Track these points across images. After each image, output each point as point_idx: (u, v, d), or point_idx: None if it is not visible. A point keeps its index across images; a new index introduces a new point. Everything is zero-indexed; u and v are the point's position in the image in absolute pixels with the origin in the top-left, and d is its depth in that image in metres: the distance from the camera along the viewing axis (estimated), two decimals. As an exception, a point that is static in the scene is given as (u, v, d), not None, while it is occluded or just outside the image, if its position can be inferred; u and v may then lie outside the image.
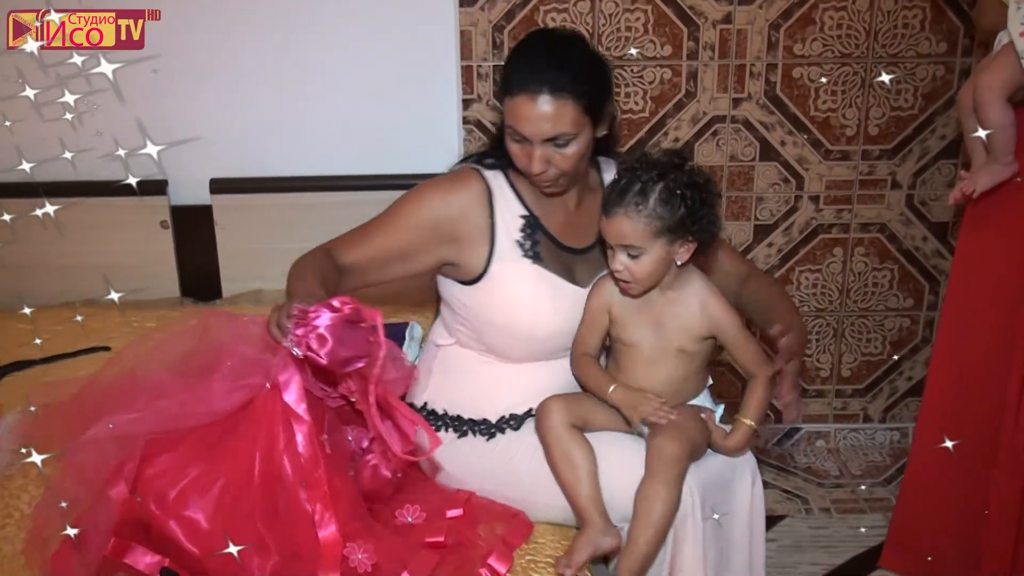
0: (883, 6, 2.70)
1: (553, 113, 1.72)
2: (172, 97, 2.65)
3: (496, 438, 1.86)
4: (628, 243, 1.72)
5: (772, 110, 2.78)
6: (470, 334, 1.91)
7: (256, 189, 2.75)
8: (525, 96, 1.72)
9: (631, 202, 1.70)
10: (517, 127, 1.75)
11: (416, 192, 1.89)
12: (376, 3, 2.64)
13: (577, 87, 1.73)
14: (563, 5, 2.66)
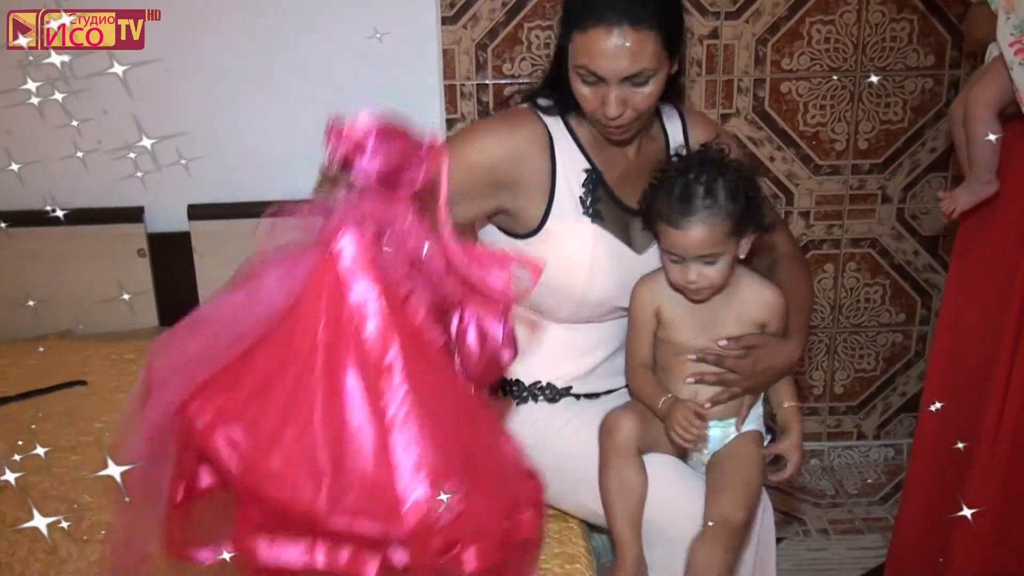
0: (871, 19, 2.67)
1: (634, 47, 1.54)
2: (147, 121, 2.58)
3: (528, 404, 1.79)
4: (707, 251, 1.62)
5: (760, 125, 2.74)
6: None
7: (235, 214, 2.68)
8: (602, 28, 1.53)
9: (701, 207, 1.59)
10: (591, 66, 1.56)
11: (467, 132, 1.74)
12: (356, 22, 2.58)
13: (659, 16, 1.56)
14: (547, 22, 2.62)
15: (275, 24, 2.57)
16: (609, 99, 1.59)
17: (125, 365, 2.48)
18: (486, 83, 2.66)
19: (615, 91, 1.59)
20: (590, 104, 1.62)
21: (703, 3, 2.62)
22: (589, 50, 1.56)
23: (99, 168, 2.56)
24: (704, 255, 1.62)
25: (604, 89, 1.59)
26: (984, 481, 2.13)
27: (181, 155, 2.53)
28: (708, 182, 1.61)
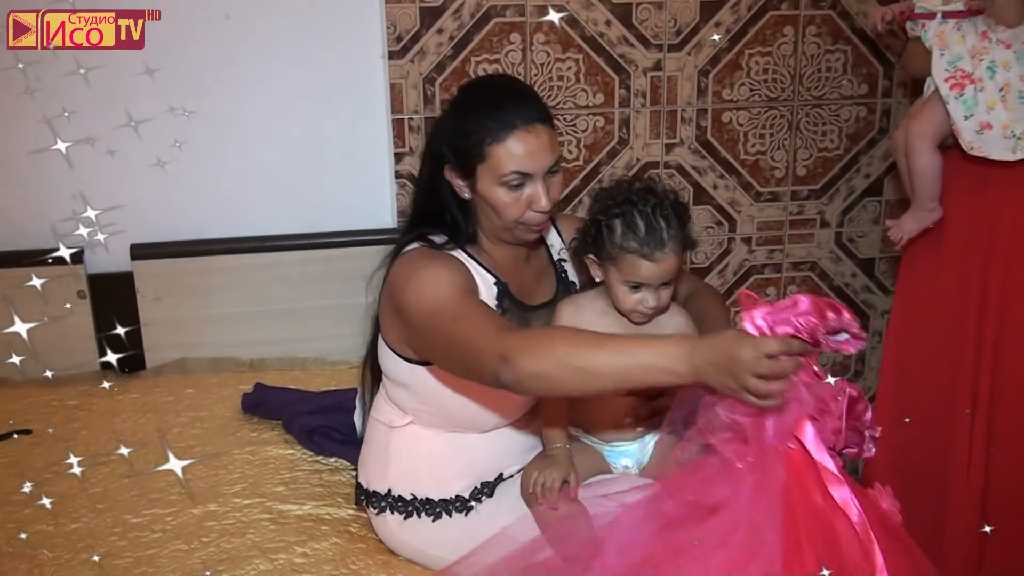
0: (807, 51, 2.75)
1: (548, 139, 1.68)
2: (87, 162, 2.51)
3: (475, 509, 1.79)
4: (671, 276, 1.69)
5: (704, 154, 2.80)
6: (436, 413, 1.80)
7: (180, 254, 2.62)
8: (521, 132, 1.65)
9: (669, 238, 1.65)
10: (522, 167, 1.65)
11: (414, 281, 1.67)
12: (302, 57, 2.56)
13: (549, 111, 1.72)
14: (494, 56, 2.63)
15: (218, 62, 2.53)
16: (540, 193, 1.68)
17: (69, 412, 2.40)
18: (433, 116, 2.65)
19: (541, 184, 1.68)
20: (513, 211, 1.68)
21: (647, 36, 2.67)
22: (514, 155, 1.66)
23: (37, 209, 2.52)
24: (667, 280, 1.69)
25: (529, 190, 1.68)
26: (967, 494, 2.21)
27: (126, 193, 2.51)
28: (664, 213, 1.67)
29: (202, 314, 2.66)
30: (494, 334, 1.50)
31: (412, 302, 1.65)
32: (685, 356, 1.36)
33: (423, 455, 1.82)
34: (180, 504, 2.00)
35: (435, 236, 1.78)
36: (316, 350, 2.71)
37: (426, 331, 1.64)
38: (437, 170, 1.76)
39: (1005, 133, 1.98)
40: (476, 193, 1.71)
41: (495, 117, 1.66)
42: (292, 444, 2.24)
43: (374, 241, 2.69)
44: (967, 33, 1.99)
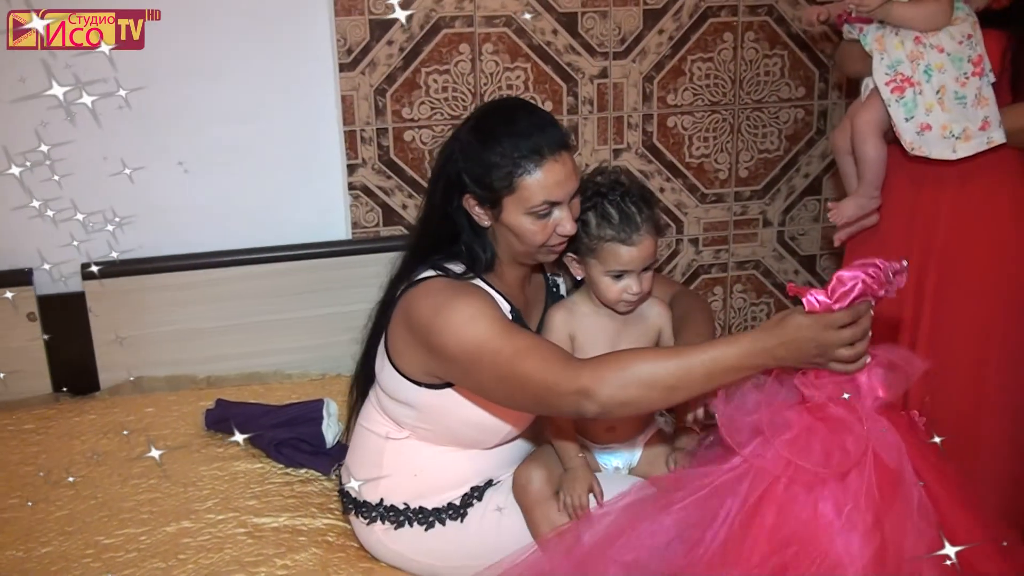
0: (746, 56, 2.84)
1: (573, 166, 1.70)
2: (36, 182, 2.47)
3: (468, 516, 1.81)
4: (652, 258, 1.74)
5: (650, 159, 2.87)
6: (438, 432, 1.81)
7: (132, 272, 2.59)
8: (549, 162, 1.65)
9: (641, 220, 1.71)
10: (552, 197, 1.65)
11: (450, 313, 1.64)
12: (252, 70, 2.56)
13: (570, 136, 1.77)
14: (444, 67, 2.66)
15: (169, 76, 2.51)
16: (566, 218, 1.69)
17: (26, 436, 2.35)
18: (386, 128, 2.67)
19: (567, 209, 1.69)
20: (540, 237, 1.69)
21: (592, 44, 2.73)
22: (546, 186, 1.65)
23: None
24: (648, 263, 1.74)
25: (556, 215, 1.68)
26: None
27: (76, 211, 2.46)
28: (634, 199, 1.73)
29: (156, 332, 2.63)
30: (564, 368, 1.53)
31: (450, 339, 1.62)
32: (764, 351, 1.44)
33: (419, 467, 1.83)
34: (152, 523, 1.98)
35: (452, 265, 1.75)
36: (274, 364, 2.70)
37: (473, 368, 1.61)
38: (453, 197, 1.73)
39: (944, 134, 2.07)
40: (499, 222, 1.70)
41: (521, 148, 1.64)
42: (260, 458, 2.23)
43: (329, 254, 2.70)
44: (905, 38, 2.08)
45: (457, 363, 1.63)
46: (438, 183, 1.76)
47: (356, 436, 1.93)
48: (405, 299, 1.73)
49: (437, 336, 1.63)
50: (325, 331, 2.72)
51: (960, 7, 2.07)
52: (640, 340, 1.82)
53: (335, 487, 2.12)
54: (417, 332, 1.68)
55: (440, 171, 1.76)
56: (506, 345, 1.58)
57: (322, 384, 2.62)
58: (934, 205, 2.21)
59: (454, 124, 2.69)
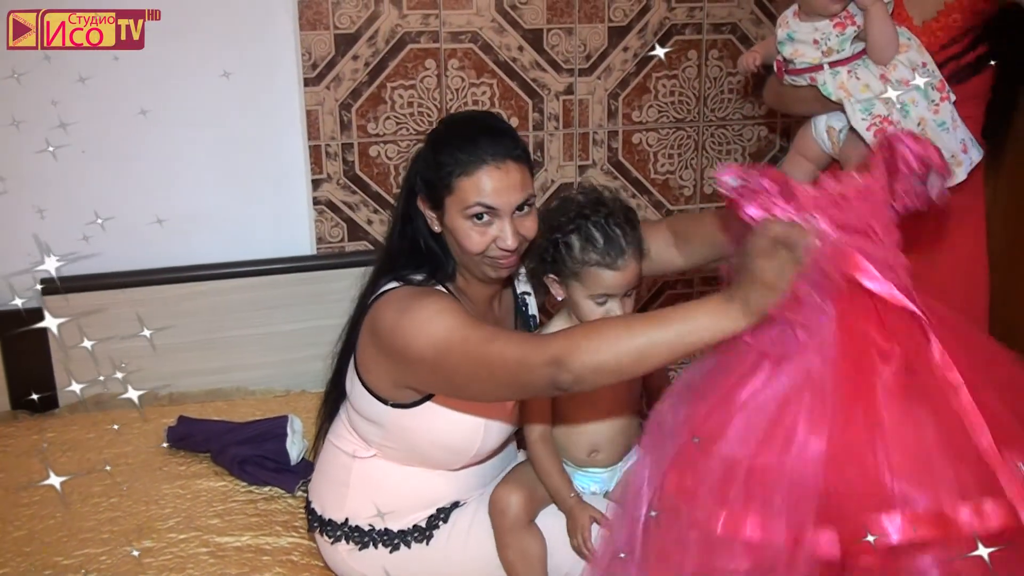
0: (710, 73, 2.87)
1: (520, 177, 1.66)
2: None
3: (434, 538, 1.80)
4: (636, 282, 1.71)
5: (616, 175, 2.89)
6: (405, 452, 1.79)
7: (93, 287, 2.56)
8: (489, 167, 1.63)
9: (624, 244, 1.67)
10: (487, 200, 1.63)
11: (427, 316, 1.61)
12: (217, 85, 2.53)
13: (525, 150, 1.71)
14: (410, 81, 2.66)
15: (134, 89, 2.48)
16: (506, 231, 1.65)
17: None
18: (351, 143, 2.67)
19: (509, 222, 1.66)
20: (478, 246, 1.66)
21: (558, 61, 2.74)
22: (481, 188, 1.63)
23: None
24: (631, 288, 1.71)
25: (496, 225, 1.66)
26: None
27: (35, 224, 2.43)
28: (618, 221, 1.70)
29: (116, 348, 2.59)
30: (533, 341, 1.50)
31: (417, 337, 1.59)
32: (734, 306, 1.36)
33: (385, 488, 1.81)
34: (113, 542, 1.95)
35: (414, 275, 1.74)
36: (237, 380, 2.68)
37: (443, 362, 1.58)
38: (411, 202, 1.75)
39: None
40: (444, 225, 1.70)
41: (466, 151, 1.64)
42: (223, 476, 2.21)
43: (293, 269, 2.69)
44: (867, 80, 2.03)
45: (425, 362, 1.60)
46: (402, 190, 1.79)
47: (324, 452, 1.91)
48: (370, 312, 1.72)
49: (402, 338, 1.62)
50: (289, 347, 2.70)
51: (901, 32, 2.08)
52: None
53: (299, 504, 2.10)
54: (382, 340, 1.67)
55: (405, 179, 1.79)
56: (473, 333, 1.56)
57: (286, 401, 2.60)
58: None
59: (420, 139, 2.70)
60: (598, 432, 1.79)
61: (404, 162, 2.71)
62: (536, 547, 1.73)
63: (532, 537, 1.73)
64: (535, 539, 1.73)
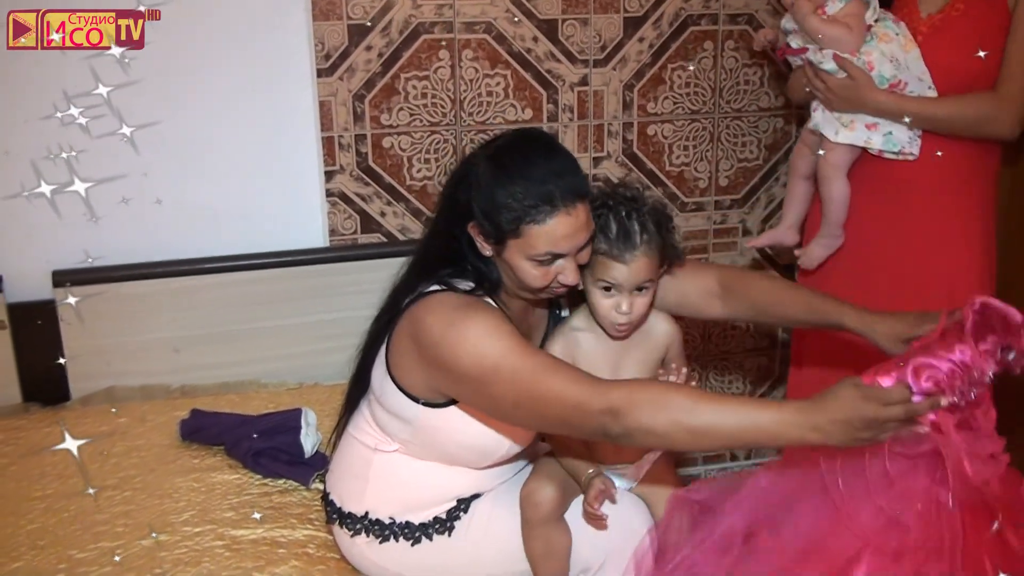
0: (726, 64, 2.84)
1: (586, 218, 1.62)
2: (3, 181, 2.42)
3: (455, 529, 1.78)
4: (645, 280, 1.68)
5: (631, 167, 2.86)
6: (431, 449, 1.77)
7: (104, 279, 2.53)
8: (561, 215, 1.57)
9: (638, 240, 1.66)
10: (555, 248, 1.59)
11: (479, 334, 1.57)
12: (230, 75, 2.51)
13: (588, 185, 1.65)
14: (423, 73, 2.64)
15: (143, 81, 2.46)
16: (570, 270, 1.62)
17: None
18: (364, 134, 2.64)
19: (572, 261, 1.63)
20: (540, 282, 1.63)
21: (573, 52, 2.72)
22: (552, 238, 1.58)
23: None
24: (640, 285, 1.69)
25: (559, 264, 1.62)
26: None
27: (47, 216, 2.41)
28: (639, 218, 1.68)
29: (128, 341, 2.58)
30: (592, 386, 1.47)
31: (464, 356, 1.56)
32: (808, 424, 1.36)
33: (406, 482, 1.79)
34: (127, 536, 1.94)
35: (460, 282, 1.69)
36: (250, 373, 2.66)
37: (488, 386, 1.54)
38: (458, 222, 1.67)
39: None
40: (501, 258, 1.65)
41: (535, 196, 1.57)
42: (237, 468, 2.19)
43: (306, 261, 2.67)
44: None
45: (469, 381, 1.56)
46: (445, 204, 1.70)
47: (344, 446, 1.88)
48: (412, 313, 1.66)
49: (450, 351, 1.57)
50: (302, 340, 2.68)
51: (887, 26, 2.07)
52: (645, 359, 1.79)
53: (314, 497, 2.08)
54: (425, 347, 1.62)
55: (452, 192, 1.69)
56: (526, 363, 1.52)
57: (299, 393, 2.58)
58: (884, 214, 2.22)
59: (433, 130, 2.68)
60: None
61: (418, 153, 2.69)
62: (563, 541, 1.72)
63: (560, 531, 1.72)
64: (563, 533, 1.72)
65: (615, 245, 1.66)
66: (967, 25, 2.06)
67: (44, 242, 2.49)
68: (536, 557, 1.72)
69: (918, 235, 2.19)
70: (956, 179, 2.14)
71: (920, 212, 2.17)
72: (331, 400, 2.53)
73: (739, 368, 3.15)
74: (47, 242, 2.49)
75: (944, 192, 2.15)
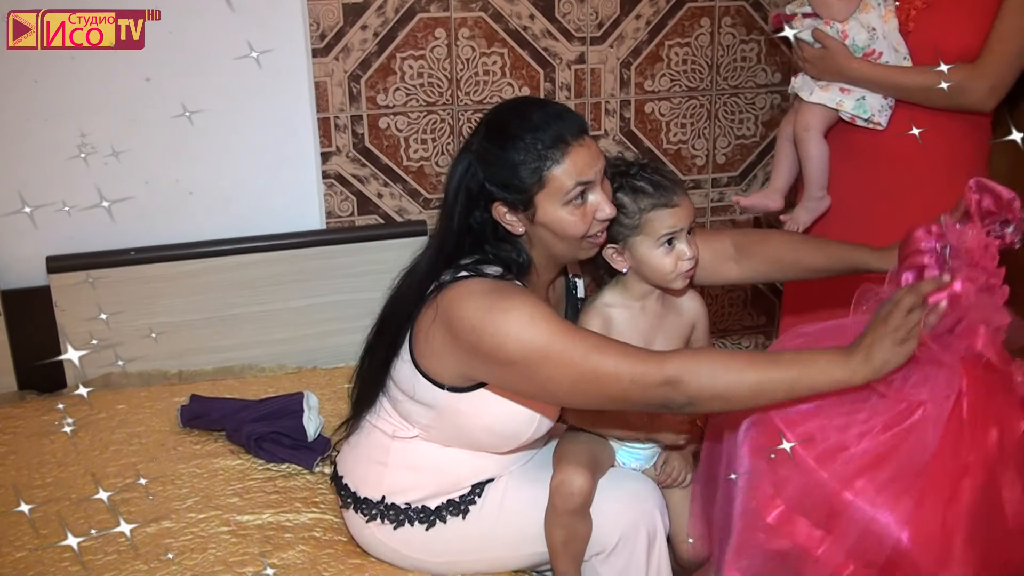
0: (723, 41, 2.82)
1: (596, 147, 1.64)
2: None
3: (470, 512, 1.77)
4: (694, 218, 1.72)
5: (628, 145, 2.84)
6: (452, 434, 1.74)
7: (99, 264, 2.50)
8: (575, 146, 1.58)
9: (672, 183, 1.70)
10: (584, 177, 1.59)
11: (520, 320, 1.55)
12: (223, 57, 2.47)
13: (586, 121, 1.68)
14: (419, 52, 2.61)
15: (138, 62, 2.42)
16: (602, 199, 1.62)
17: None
18: (360, 115, 2.62)
19: (601, 191, 1.63)
20: (580, 227, 1.61)
21: (570, 30, 2.69)
22: (578, 168, 1.59)
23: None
24: (692, 223, 1.71)
25: (592, 198, 1.61)
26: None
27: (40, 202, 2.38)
28: (654, 167, 1.72)
29: (125, 327, 2.55)
30: (647, 359, 1.50)
31: (504, 344, 1.54)
32: (855, 360, 1.43)
33: (425, 467, 1.77)
34: (131, 522, 1.91)
35: (488, 269, 1.66)
36: (248, 358, 2.64)
37: (536, 371, 1.53)
38: (475, 212, 1.65)
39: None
40: (535, 223, 1.62)
41: (543, 140, 1.58)
42: (240, 454, 2.17)
43: (303, 244, 2.64)
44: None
45: (515, 366, 1.54)
46: (456, 201, 1.66)
47: (360, 431, 1.86)
48: (443, 301, 1.62)
49: (491, 338, 1.54)
50: (300, 323, 2.66)
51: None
52: (675, 335, 1.79)
53: (319, 481, 2.07)
54: (462, 336, 1.59)
55: (457, 189, 1.65)
56: (575, 343, 1.52)
57: (298, 377, 2.56)
58: (871, 179, 2.22)
59: (430, 111, 2.65)
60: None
61: (415, 133, 2.66)
62: (586, 529, 1.72)
63: (585, 521, 1.73)
64: (587, 522, 1.73)
65: (660, 194, 1.67)
66: (961, 2, 2.07)
67: (38, 228, 2.46)
68: (556, 544, 1.71)
69: (904, 206, 2.19)
70: (943, 153, 2.14)
71: (907, 184, 2.18)
72: (331, 383, 2.52)
73: (736, 347, 3.15)
74: (41, 228, 2.46)
75: (932, 167, 2.15)
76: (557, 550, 1.72)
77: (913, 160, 2.15)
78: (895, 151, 2.16)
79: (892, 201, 2.20)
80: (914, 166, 2.16)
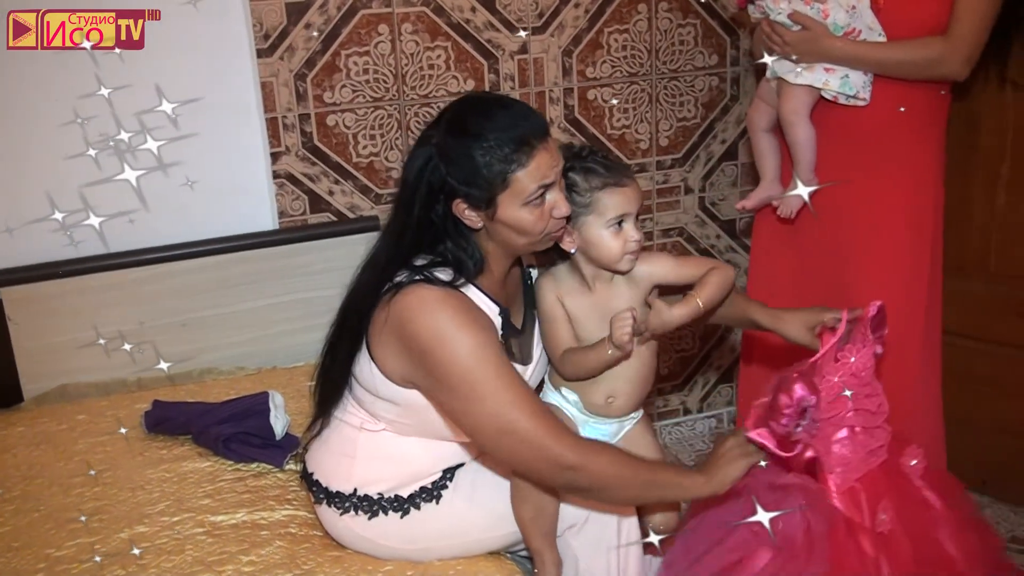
0: (660, 26, 2.88)
1: (555, 147, 1.68)
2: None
3: (443, 497, 1.80)
4: (641, 202, 1.77)
5: (574, 132, 2.89)
6: (418, 426, 1.78)
7: (51, 275, 2.48)
8: (539, 150, 1.61)
9: (628, 169, 1.77)
10: (546, 179, 1.62)
11: (444, 330, 1.61)
12: (166, 58, 2.45)
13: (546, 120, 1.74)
14: (364, 48, 2.62)
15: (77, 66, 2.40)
16: (559, 198, 1.66)
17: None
18: (308, 113, 2.62)
19: (559, 189, 1.67)
20: (540, 225, 1.66)
21: (511, 20, 2.73)
22: (540, 172, 1.62)
23: None
24: (640, 206, 1.76)
25: (550, 197, 1.65)
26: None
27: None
28: (601, 153, 1.78)
29: (79, 337, 2.52)
30: (558, 436, 1.63)
31: (452, 369, 1.61)
32: (704, 481, 1.67)
33: (394, 457, 1.80)
34: (105, 531, 1.91)
35: (440, 272, 1.68)
36: (207, 362, 2.63)
37: (468, 402, 1.62)
38: (436, 205, 1.67)
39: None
40: (494, 221, 1.65)
41: (510, 142, 1.60)
42: (208, 456, 2.18)
43: (256, 245, 2.64)
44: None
45: (454, 392, 1.63)
46: (416, 193, 1.67)
47: (329, 427, 1.87)
48: (395, 307, 1.65)
49: (437, 358, 1.61)
50: (257, 324, 2.66)
51: None
52: (634, 302, 1.80)
53: (289, 478, 2.08)
54: (412, 349, 1.63)
55: (417, 180, 1.67)
56: (505, 389, 1.62)
57: (258, 378, 2.57)
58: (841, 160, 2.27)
59: (377, 106, 2.67)
60: (618, 378, 1.81)
61: (363, 130, 2.68)
62: (552, 505, 1.76)
63: (550, 496, 1.75)
64: (552, 497, 1.75)
65: (612, 175, 1.72)
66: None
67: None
68: (525, 521, 1.75)
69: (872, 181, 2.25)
70: (911, 128, 2.21)
71: (875, 160, 2.23)
72: (292, 382, 2.53)
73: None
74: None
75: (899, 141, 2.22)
76: (527, 527, 1.76)
77: (886, 129, 2.20)
78: (863, 128, 2.20)
79: (867, 171, 2.25)
80: (886, 134, 2.21)
